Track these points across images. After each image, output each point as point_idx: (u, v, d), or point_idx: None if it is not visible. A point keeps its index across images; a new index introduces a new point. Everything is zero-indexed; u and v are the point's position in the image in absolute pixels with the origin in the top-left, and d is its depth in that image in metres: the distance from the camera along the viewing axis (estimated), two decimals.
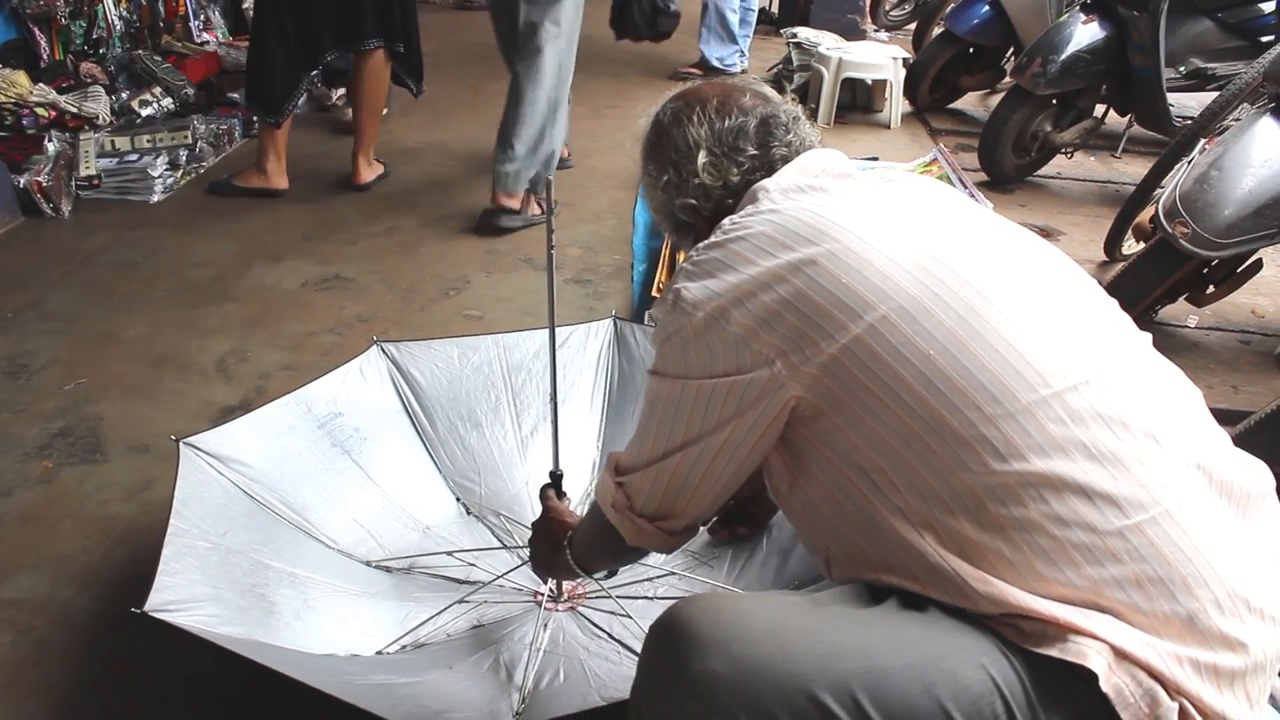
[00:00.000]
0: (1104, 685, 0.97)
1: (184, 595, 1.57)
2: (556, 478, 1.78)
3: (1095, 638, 1.00)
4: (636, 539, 1.31)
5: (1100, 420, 1.06)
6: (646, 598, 1.84)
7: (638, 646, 1.62)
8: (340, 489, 2.04)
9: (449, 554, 1.96)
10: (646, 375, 1.27)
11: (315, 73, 3.95)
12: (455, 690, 1.61)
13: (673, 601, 1.68)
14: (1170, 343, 3.20)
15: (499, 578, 1.86)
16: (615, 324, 2.38)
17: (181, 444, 1.89)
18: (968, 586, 1.05)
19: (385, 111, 4.97)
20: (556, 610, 1.83)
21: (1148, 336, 1.23)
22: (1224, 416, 2.62)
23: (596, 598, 1.86)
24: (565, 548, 1.53)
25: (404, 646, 1.75)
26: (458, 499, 2.14)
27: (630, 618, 1.76)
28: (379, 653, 1.72)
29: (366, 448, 2.12)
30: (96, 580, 1.97)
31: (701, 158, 1.34)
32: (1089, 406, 1.07)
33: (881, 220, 1.18)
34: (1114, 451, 1.05)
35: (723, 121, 1.35)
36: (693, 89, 1.44)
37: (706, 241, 1.23)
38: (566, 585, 1.86)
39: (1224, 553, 1.05)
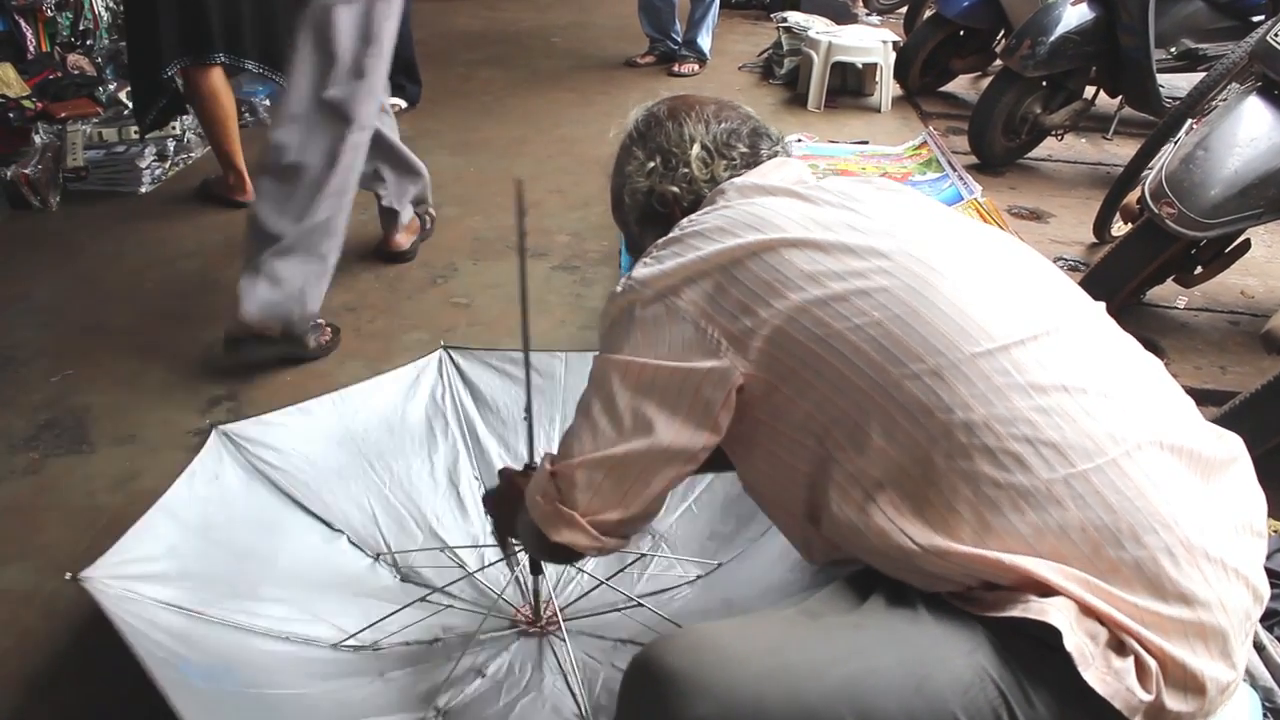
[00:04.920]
0: (1068, 645, 0.97)
1: (132, 569, 1.64)
2: (528, 466, 1.75)
3: (1048, 585, 1.01)
4: (564, 531, 1.25)
5: (1047, 372, 1.09)
6: (625, 640, 1.78)
7: (574, 703, 1.60)
8: (358, 495, 2.05)
9: (441, 550, 1.95)
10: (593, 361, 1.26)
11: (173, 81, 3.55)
12: (361, 702, 1.61)
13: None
14: (1159, 324, 3.20)
15: (462, 574, 1.87)
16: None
17: (215, 431, 1.95)
18: (919, 555, 1.07)
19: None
20: (529, 633, 1.78)
21: (1101, 306, 1.25)
22: (1211, 397, 2.64)
23: (577, 617, 1.82)
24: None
25: (357, 648, 1.74)
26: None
27: (600, 636, 1.75)
28: (335, 646, 1.73)
29: (394, 462, 2.12)
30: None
31: (695, 150, 1.38)
32: (1035, 360, 1.09)
33: (832, 213, 1.21)
34: (1060, 403, 1.07)
35: (719, 123, 1.40)
36: (689, 95, 1.49)
37: (664, 239, 1.26)
38: (545, 611, 1.80)
39: (1179, 504, 1.06)
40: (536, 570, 1.74)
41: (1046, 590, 1.02)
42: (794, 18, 5.88)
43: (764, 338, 1.14)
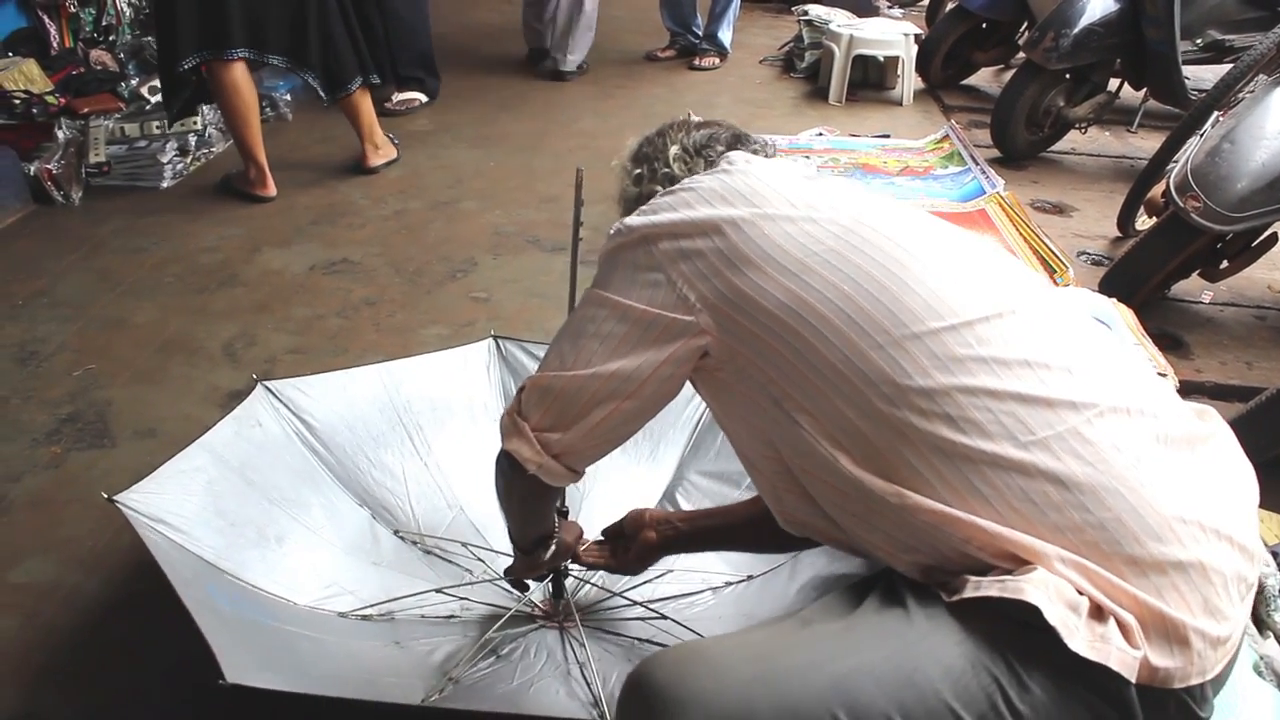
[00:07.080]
0: (1049, 619, 0.97)
1: (166, 501, 1.67)
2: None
3: (1017, 553, 1.03)
4: (513, 439, 1.31)
5: (1010, 347, 1.12)
6: (641, 639, 1.77)
7: (588, 691, 1.60)
8: (392, 465, 2.06)
9: (463, 545, 1.94)
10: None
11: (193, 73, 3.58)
12: (375, 661, 1.61)
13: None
14: (1184, 319, 3.16)
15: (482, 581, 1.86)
16: None
17: (259, 385, 2.00)
18: (884, 503, 1.11)
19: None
20: (547, 626, 1.78)
21: (1066, 293, 1.25)
22: (1237, 393, 2.61)
23: (592, 620, 1.81)
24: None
25: (366, 616, 1.74)
26: None
27: (617, 634, 1.75)
28: (342, 614, 1.73)
29: (434, 437, 2.13)
30: (103, 565, 1.99)
31: (674, 150, 1.48)
32: (999, 336, 1.13)
33: (817, 195, 1.27)
34: (1022, 375, 1.10)
35: (700, 131, 1.51)
36: (683, 118, 1.58)
37: (663, 190, 1.34)
38: (563, 608, 1.81)
39: (1147, 467, 1.07)
40: (560, 573, 1.76)
41: (1018, 560, 1.04)
42: (815, 11, 5.84)
43: (732, 302, 1.19)
